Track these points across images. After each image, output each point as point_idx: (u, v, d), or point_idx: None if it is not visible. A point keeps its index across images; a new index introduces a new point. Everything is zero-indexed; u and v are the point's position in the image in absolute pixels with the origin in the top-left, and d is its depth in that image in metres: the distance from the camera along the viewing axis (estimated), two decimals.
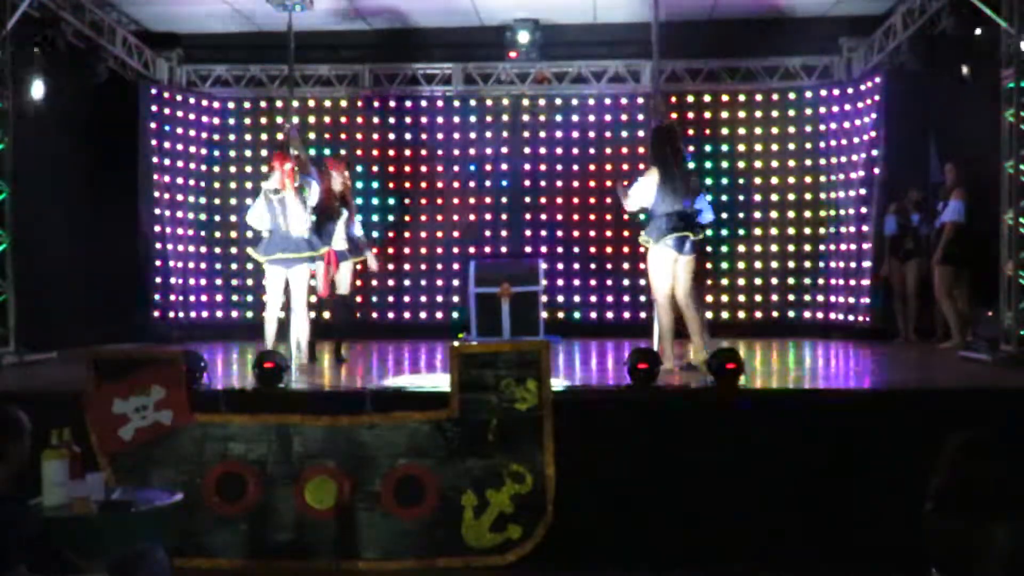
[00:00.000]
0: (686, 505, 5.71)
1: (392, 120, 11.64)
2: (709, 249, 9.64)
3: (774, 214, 11.35)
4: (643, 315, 7.64)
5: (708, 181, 10.91)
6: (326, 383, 7.26)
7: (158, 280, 11.08)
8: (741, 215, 11.35)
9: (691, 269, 7.18)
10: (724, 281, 11.32)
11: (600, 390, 6.51)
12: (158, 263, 11.09)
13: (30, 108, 9.05)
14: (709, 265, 9.69)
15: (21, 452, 3.66)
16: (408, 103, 11.65)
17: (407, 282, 11.57)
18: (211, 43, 11.57)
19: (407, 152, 11.64)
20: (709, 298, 10.80)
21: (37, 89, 9.16)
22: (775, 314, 11.31)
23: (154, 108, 11.15)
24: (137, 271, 10.96)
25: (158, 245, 11.09)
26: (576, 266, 11.47)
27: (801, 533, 5.62)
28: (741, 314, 11.28)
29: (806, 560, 5.52)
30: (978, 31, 8.24)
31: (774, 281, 11.34)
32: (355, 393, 6.15)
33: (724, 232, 11.18)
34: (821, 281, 11.20)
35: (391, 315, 11.53)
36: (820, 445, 5.71)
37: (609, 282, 11.33)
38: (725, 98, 11.40)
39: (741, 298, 11.35)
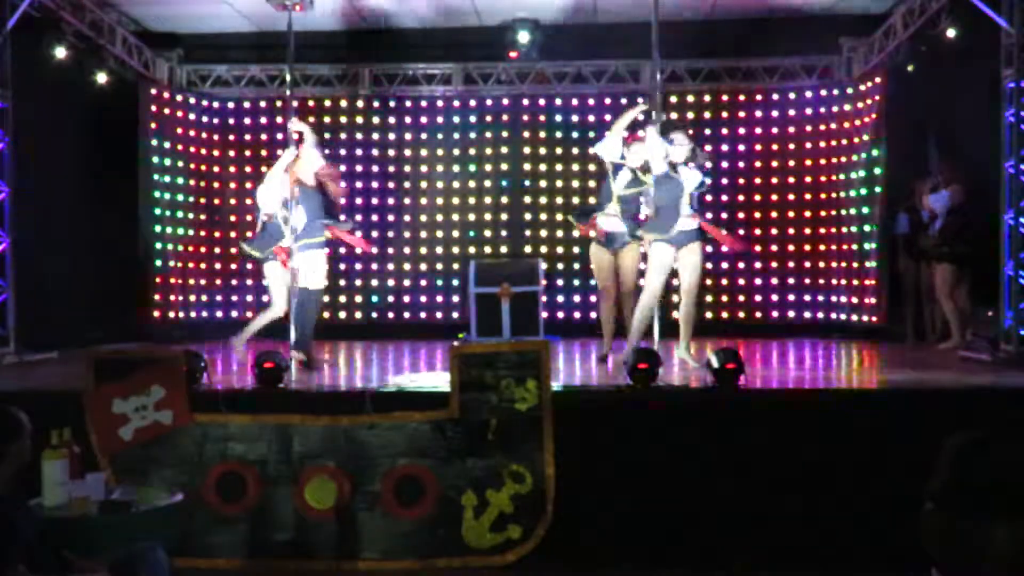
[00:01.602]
0: (686, 505, 5.71)
1: (392, 120, 11.65)
2: (710, 249, 9.61)
3: (774, 214, 11.35)
4: None
5: (707, 181, 10.88)
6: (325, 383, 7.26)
7: (158, 280, 11.09)
8: (741, 215, 11.36)
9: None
10: (724, 281, 11.34)
11: (600, 390, 6.51)
12: (158, 263, 11.10)
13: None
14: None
15: (21, 452, 3.67)
16: (408, 103, 11.65)
17: (407, 282, 11.59)
18: (211, 43, 11.56)
19: (407, 152, 11.65)
20: (709, 297, 10.97)
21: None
22: (775, 314, 11.32)
23: (154, 108, 11.13)
24: (137, 271, 10.96)
25: (158, 245, 11.09)
26: (576, 266, 11.46)
27: (801, 533, 5.62)
28: (741, 314, 11.29)
29: (806, 560, 5.53)
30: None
31: (774, 281, 11.34)
32: (355, 393, 6.14)
33: (724, 232, 11.14)
34: (822, 281, 11.19)
35: (391, 315, 11.54)
36: (820, 445, 5.72)
37: None
38: (725, 98, 11.41)
39: (741, 298, 11.36)
